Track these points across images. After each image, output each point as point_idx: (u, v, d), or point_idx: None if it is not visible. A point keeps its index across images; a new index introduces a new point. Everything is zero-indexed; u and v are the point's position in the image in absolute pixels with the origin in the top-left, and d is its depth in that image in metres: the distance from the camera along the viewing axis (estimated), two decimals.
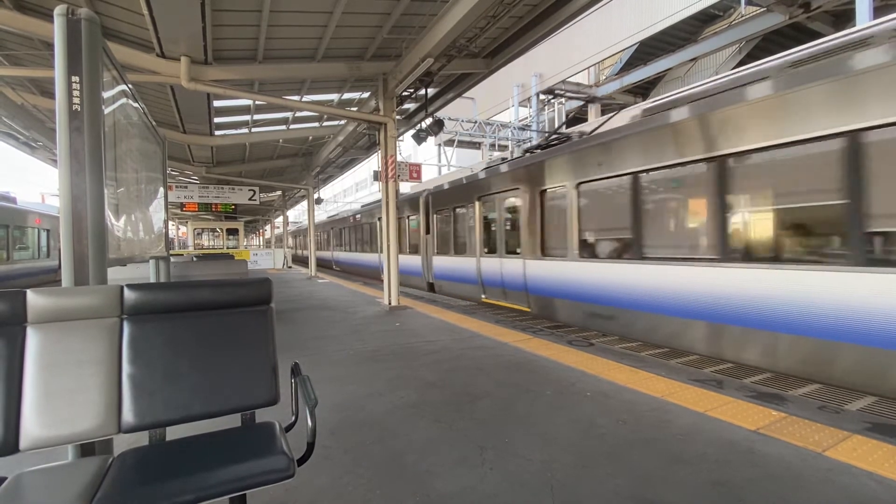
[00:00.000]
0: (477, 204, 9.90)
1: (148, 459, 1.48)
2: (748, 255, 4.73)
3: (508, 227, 9.02)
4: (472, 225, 10.15)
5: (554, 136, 9.09)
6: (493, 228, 9.56)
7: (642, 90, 20.01)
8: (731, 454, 2.44)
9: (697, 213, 5.33)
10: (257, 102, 9.40)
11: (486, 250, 9.72)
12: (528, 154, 9.10)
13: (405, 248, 13.88)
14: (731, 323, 4.80)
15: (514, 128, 20.95)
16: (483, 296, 9.78)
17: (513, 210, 8.83)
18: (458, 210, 10.90)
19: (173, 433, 1.63)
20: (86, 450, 1.74)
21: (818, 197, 4.22)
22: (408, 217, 13.77)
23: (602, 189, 6.54)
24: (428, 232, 12.45)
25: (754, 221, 4.79)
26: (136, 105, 3.35)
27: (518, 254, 8.44)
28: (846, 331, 3.90)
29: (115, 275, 2.25)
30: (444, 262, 11.58)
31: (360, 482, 2.24)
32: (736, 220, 4.87)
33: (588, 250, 6.78)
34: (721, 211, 4.91)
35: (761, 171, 4.62)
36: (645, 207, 5.87)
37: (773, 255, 4.54)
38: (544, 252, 7.70)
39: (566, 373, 4.03)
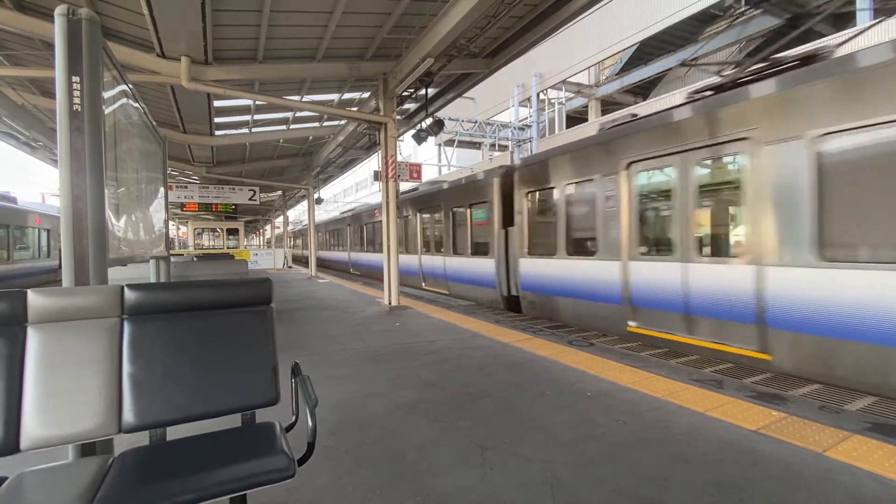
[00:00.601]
0: (623, 175, 6.17)
1: (148, 459, 1.48)
2: None
3: (713, 206, 5.44)
4: (610, 209, 6.42)
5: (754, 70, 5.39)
6: (663, 212, 5.92)
7: (642, 90, 20.03)
8: (731, 454, 2.44)
9: None
10: (257, 102, 9.40)
11: (642, 250, 6.04)
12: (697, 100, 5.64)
13: (464, 249, 10.58)
14: None
15: (515, 128, 20.96)
16: (632, 323, 6.16)
17: (725, 176, 5.19)
18: (573, 188, 7.27)
19: (174, 433, 1.63)
20: (86, 450, 1.74)
21: None
22: (468, 207, 10.37)
23: None
24: (509, 224, 8.94)
25: None
26: (136, 105, 3.35)
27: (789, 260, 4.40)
28: None
29: (116, 275, 2.25)
30: (545, 268, 7.77)
31: (361, 482, 2.24)
32: None
33: None
34: None
35: None
36: None
37: None
38: None
39: (566, 373, 4.03)
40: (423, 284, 12.93)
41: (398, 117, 9.76)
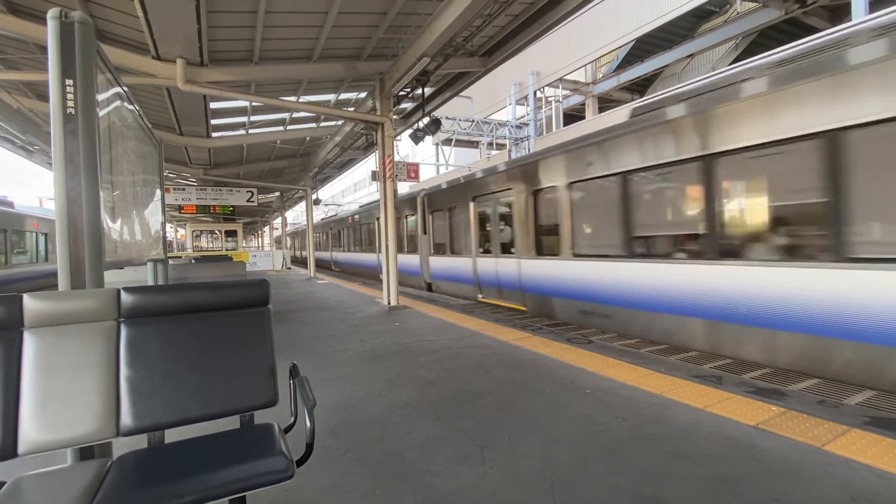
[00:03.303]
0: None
1: (147, 462, 1.48)
2: None
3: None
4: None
5: None
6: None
7: (639, 87, 20.03)
8: (730, 449, 2.45)
9: None
10: (254, 104, 9.38)
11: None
12: None
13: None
14: None
15: (512, 126, 20.94)
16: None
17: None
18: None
19: (172, 436, 1.62)
20: (84, 453, 1.74)
21: None
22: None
23: None
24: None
25: None
26: (131, 107, 3.34)
27: None
28: None
29: (114, 278, 2.25)
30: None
31: (361, 482, 2.24)
32: None
33: None
34: None
35: None
36: None
37: None
38: None
39: (566, 370, 4.03)
40: (380, 275, 16.36)
41: (395, 117, 9.76)
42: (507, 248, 8.74)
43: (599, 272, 6.42)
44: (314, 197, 18.64)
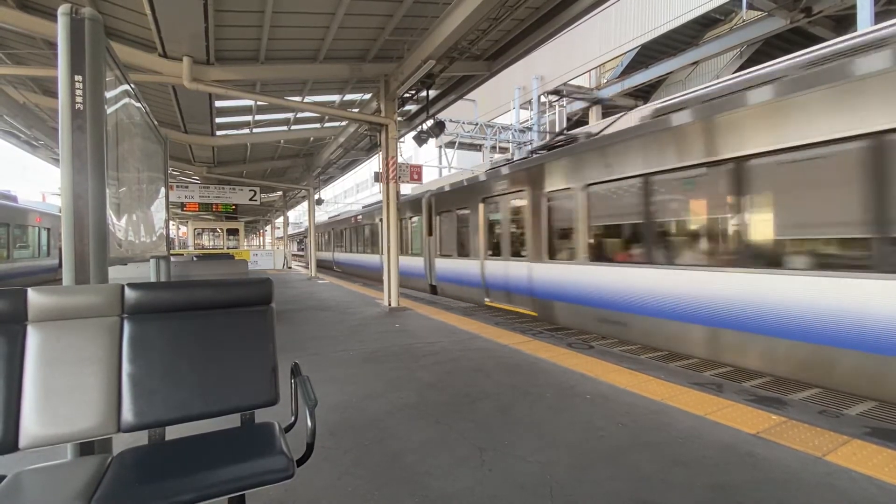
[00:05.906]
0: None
1: (147, 459, 1.48)
2: None
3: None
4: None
5: None
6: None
7: (643, 93, 20.04)
8: (730, 457, 2.44)
9: None
10: (259, 103, 9.41)
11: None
12: None
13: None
14: None
15: (516, 130, 20.96)
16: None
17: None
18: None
19: (172, 433, 1.62)
20: (85, 449, 1.74)
21: None
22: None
23: None
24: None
25: None
26: (138, 105, 3.36)
27: None
28: None
29: (116, 274, 2.25)
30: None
31: (360, 483, 2.23)
32: None
33: None
34: None
35: None
36: None
37: None
38: None
39: (566, 375, 4.03)
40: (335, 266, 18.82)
41: (399, 119, 9.78)
42: None
43: None
44: (316, 197, 18.64)
